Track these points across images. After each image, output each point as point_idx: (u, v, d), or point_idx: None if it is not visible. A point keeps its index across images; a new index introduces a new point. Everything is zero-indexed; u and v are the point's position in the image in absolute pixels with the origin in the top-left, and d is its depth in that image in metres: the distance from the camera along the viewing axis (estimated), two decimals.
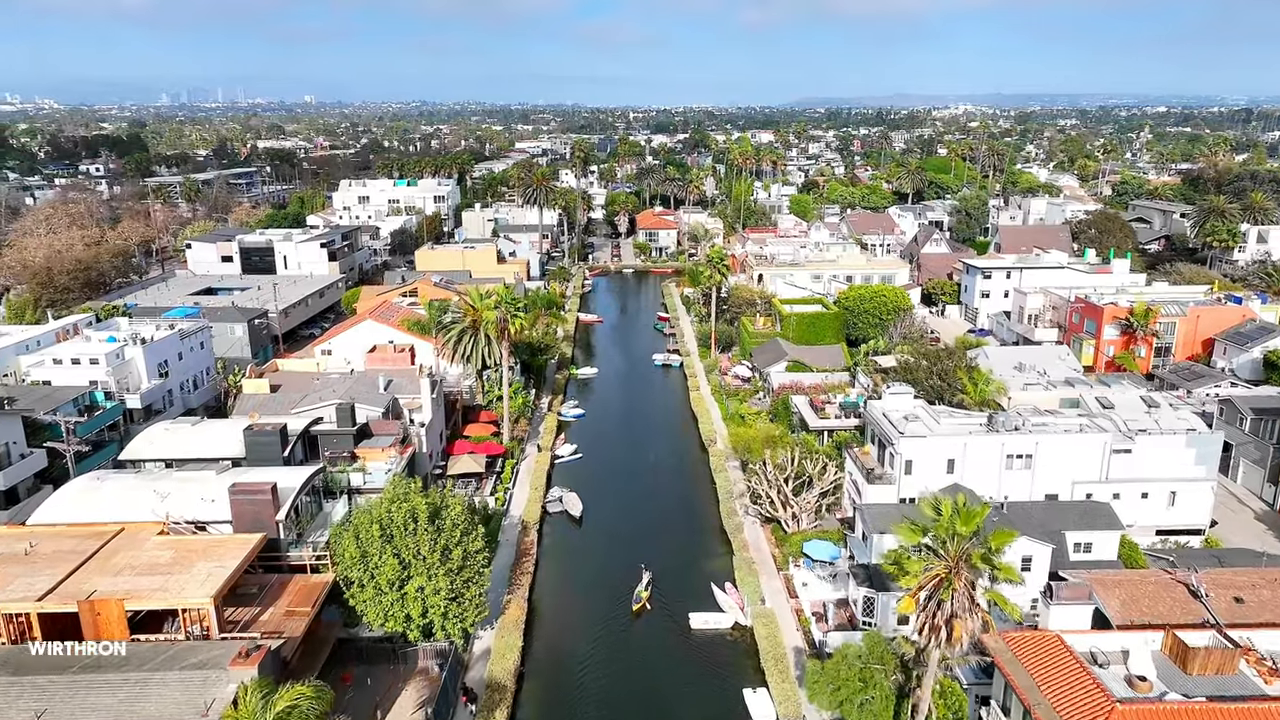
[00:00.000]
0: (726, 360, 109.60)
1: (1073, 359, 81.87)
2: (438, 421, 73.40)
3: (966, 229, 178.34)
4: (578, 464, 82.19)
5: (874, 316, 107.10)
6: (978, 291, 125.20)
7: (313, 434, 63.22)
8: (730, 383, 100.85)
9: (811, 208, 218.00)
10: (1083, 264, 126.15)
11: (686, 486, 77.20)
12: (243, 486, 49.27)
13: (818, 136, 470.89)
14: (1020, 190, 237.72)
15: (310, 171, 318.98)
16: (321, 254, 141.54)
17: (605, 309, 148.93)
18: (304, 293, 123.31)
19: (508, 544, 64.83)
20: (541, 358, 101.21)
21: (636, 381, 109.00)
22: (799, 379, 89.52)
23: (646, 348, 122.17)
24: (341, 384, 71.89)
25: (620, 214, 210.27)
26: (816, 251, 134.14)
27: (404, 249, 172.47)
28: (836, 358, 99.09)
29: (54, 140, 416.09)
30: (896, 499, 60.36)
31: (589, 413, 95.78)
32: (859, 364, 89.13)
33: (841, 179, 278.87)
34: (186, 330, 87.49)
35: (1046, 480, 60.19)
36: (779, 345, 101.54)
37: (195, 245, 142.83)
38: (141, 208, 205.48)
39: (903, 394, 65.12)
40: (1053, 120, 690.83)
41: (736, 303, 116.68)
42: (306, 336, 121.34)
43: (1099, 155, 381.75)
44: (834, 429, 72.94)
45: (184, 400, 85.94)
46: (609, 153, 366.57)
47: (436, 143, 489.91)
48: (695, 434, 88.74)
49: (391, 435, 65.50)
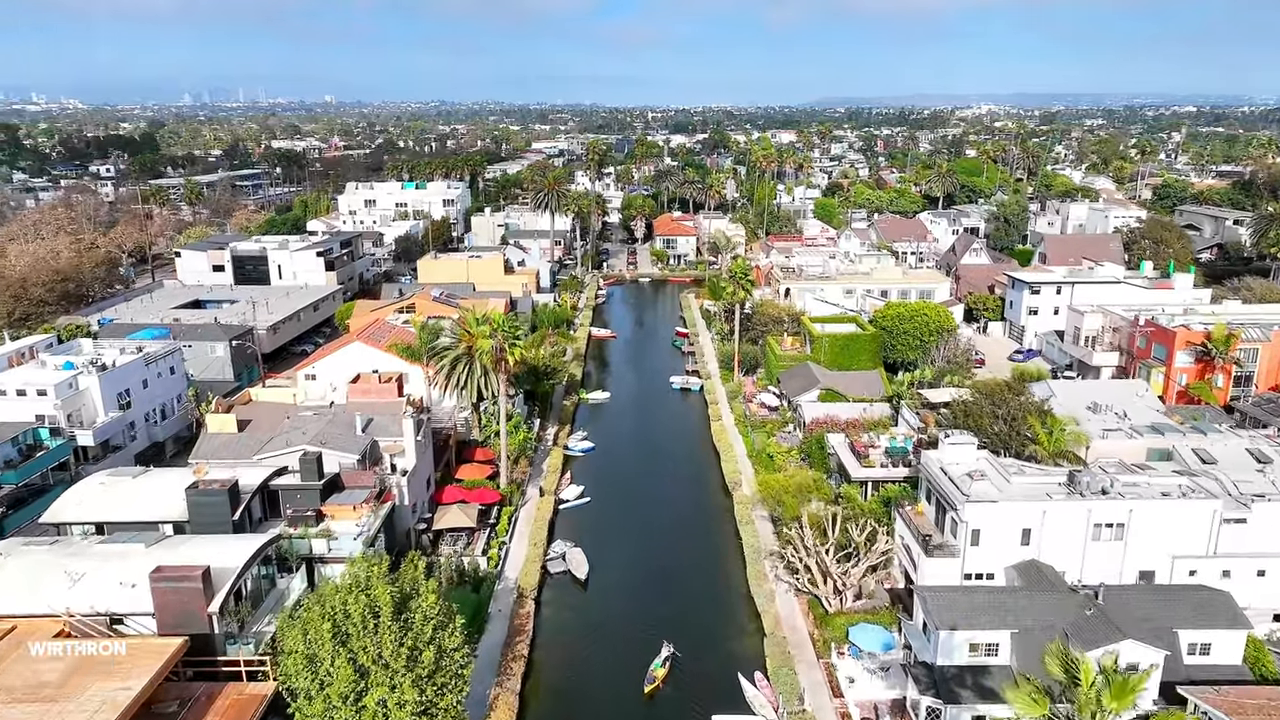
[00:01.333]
0: (751, 384, 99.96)
1: (1152, 396, 71.60)
2: (424, 466, 64.30)
3: (1005, 236, 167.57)
4: (585, 510, 72.87)
5: (914, 338, 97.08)
6: (1024, 308, 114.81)
7: (273, 488, 54.18)
8: (755, 411, 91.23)
9: (837, 212, 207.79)
10: (1139, 278, 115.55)
11: (708, 541, 67.64)
12: (168, 571, 40.29)
13: (839, 137, 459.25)
14: (1056, 194, 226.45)
15: (321, 173, 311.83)
16: (318, 263, 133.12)
17: (620, 323, 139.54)
18: (296, 306, 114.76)
19: (500, 615, 55.60)
20: (548, 382, 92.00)
21: (652, 408, 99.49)
22: (833, 412, 79.75)
23: (664, 367, 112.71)
24: (314, 424, 62.89)
25: (637, 219, 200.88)
26: (848, 263, 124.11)
27: (409, 256, 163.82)
28: (874, 386, 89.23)
29: (65, 140, 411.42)
30: (961, 575, 50.69)
31: (599, 445, 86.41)
32: (902, 396, 79.21)
33: (867, 181, 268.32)
34: (154, 354, 78.99)
35: (1141, 554, 50.26)
36: (809, 370, 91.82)
37: (185, 253, 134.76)
38: (143, 211, 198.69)
39: (964, 444, 55.34)
40: (1078, 120, 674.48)
41: (761, 320, 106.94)
42: (299, 353, 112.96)
43: (1133, 157, 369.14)
44: (880, 480, 63.14)
45: (149, 433, 77.48)
46: (626, 153, 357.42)
47: (452, 143, 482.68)
48: (717, 473, 79.21)
49: (366, 488, 56.40)
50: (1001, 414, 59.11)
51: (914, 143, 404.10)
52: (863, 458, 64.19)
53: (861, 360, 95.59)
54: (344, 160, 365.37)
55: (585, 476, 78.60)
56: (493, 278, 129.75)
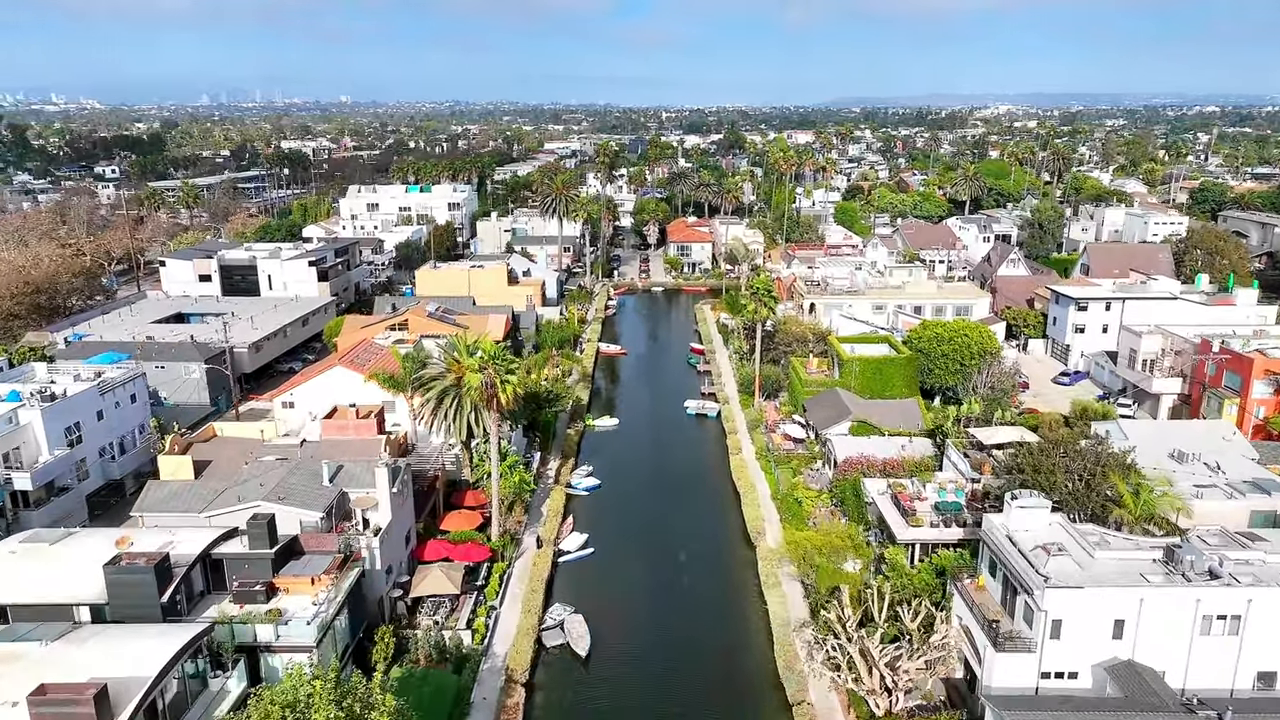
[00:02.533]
0: (774, 411, 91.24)
1: (1242, 441, 62.27)
2: (402, 520, 55.95)
3: (1039, 244, 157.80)
4: (588, 564, 64.37)
5: (953, 361, 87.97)
6: (1070, 325, 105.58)
7: (216, 557, 45.93)
8: (779, 443, 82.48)
9: (859, 216, 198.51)
10: (1196, 293, 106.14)
11: (729, 606, 58.91)
12: (54, 691, 32.05)
13: (857, 137, 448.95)
14: (1087, 198, 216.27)
15: (327, 174, 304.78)
16: (310, 273, 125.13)
17: (631, 337, 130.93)
18: (282, 321, 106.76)
19: (484, 706, 47.15)
20: (550, 410, 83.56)
21: (665, 437, 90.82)
22: (868, 450, 70.85)
23: (678, 389, 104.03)
24: (274, 472, 54.67)
25: (649, 223, 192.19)
26: (876, 275, 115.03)
27: (410, 264, 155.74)
28: (912, 416, 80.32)
29: (72, 141, 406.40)
30: (1038, 673, 41.89)
31: (606, 482, 77.85)
32: (947, 433, 70.21)
33: (888, 184, 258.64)
34: (111, 381, 71.01)
35: (1261, 654, 41.32)
36: (839, 398, 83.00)
37: (170, 263, 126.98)
38: (131, 215, 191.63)
39: (1036, 508, 46.50)
40: (1098, 120, 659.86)
41: (784, 339, 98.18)
42: (285, 372, 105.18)
43: (1162, 158, 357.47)
44: (932, 542, 54.27)
45: (104, 470, 69.53)
46: (639, 155, 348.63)
47: (464, 143, 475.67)
48: (737, 518, 70.51)
49: (329, 553, 48.09)
50: (1076, 468, 50.13)
51: (936, 144, 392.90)
52: (909, 514, 55.32)
53: (896, 386, 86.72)
54: (352, 161, 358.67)
55: (589, 521, 70.11)
56: (495, 289, 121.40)
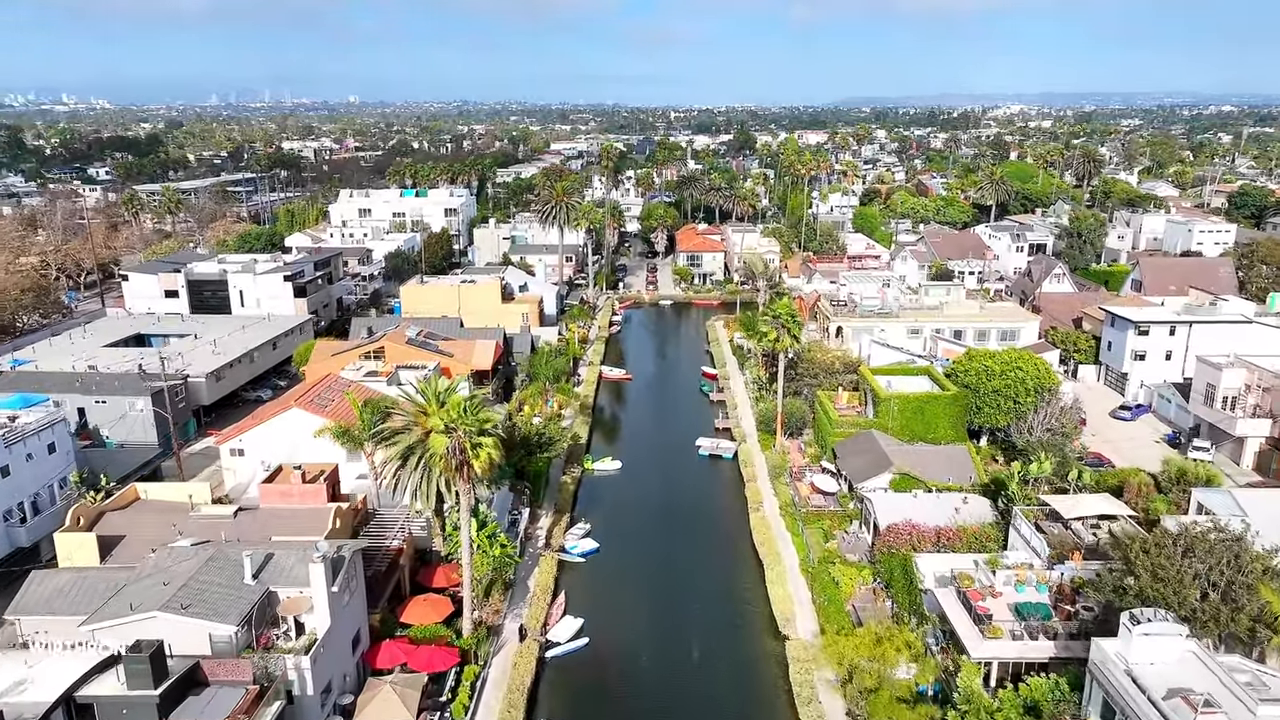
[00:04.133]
0: (798, 452, 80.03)
1: None
2: (347, 623, 44.84)
3: (1078, 255, 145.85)
4: (582, 660, 53.21)
5: (1005, 399, 76.53)
6: (1128, 351, 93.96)
7: (83, 701, 34.94)
8: (807, 496, 71.21)
9: (879, 223, 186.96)
10: (1272, 316, 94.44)
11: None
12: None
13: (872, 138, 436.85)
14: (1119, 202, 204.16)
15: (323, 176, 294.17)
16: (286, 289, 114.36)
17: (637, 358, 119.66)
18: (249, 344, 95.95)
19: None
20: (542, 456, 72.31)
21: (674, 483, 79.51)
22: (915, 512, 59.54)
23: (688, 421, 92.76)
24: (184, 565, 43.58)
25: (657, 230, 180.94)
26: (907, 293, 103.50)
27: (401, 275, 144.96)
28: (962, 465, 68.99)
29: (67, 142, 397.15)
30: None
31: (605, 544, 66.67)
32: (1010, 496, 58.71)
33: (907, 187, 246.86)
34: (19, 432, 60.19)
35: None
36: (875, 443, 71.72)
37: (134, 276, 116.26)
38: (112, 221, 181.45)
39: (1166, 635, 35.20)
40: (1114, 120, 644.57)
41: (809, 369, 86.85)
42: (253, 401, 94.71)
43: (1188, 159, 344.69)
44: (1015, 660, 42.76)
45: (9, 537, 58.66)
46: (647, 155, 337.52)
47: (469, 143, 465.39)
48: (761, 594, 59.17)
49: (241, 685, 37.09)
50: (1205, 570, 38.72)
51: (955, 145, 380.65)
52: (983, 621, 43.88)
53: (941, 428, 75.43)
54: (351, 162, 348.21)
55: (585, 598, 58.94)
56: (487, 307, 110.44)
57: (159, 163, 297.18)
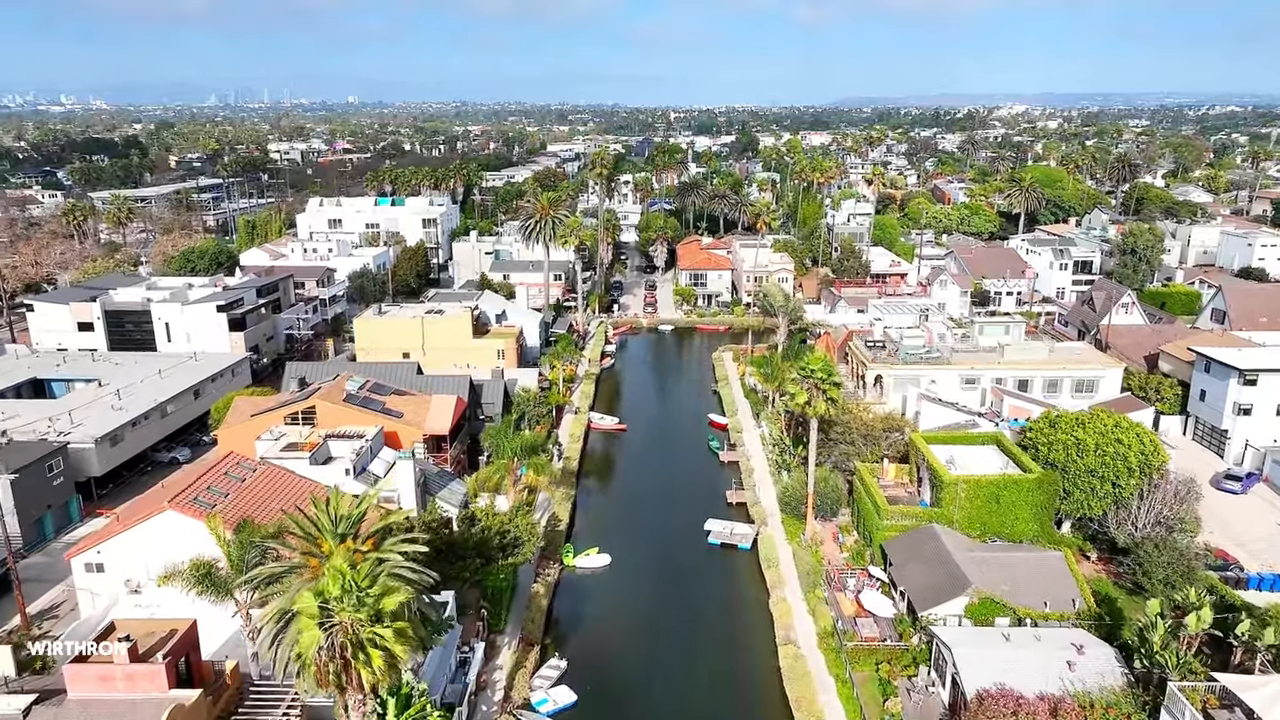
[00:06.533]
0: (833, 542, 63.23)
1: None
2: None
3: (1132, 275, 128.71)
4: None
5: (1102, 480, 59.59)
6: (1230, 405, 77.15)
7: None
8: (850, 614, 54.22)
9: (898, 233, 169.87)
10: None
11: None
12: None
13: (883, 139, 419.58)
14: (1157, 210, 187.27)
15: (301, 181, 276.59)
16: (220, 321, 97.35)
17: (633, 400, 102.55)
18: (160, 396, 79.09)
19: None
20: (505, 564, 55.29)
21: (677, 588, 62.29)
22: (1013, 670, 42.72)
23: (695, 494, 75.63)
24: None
25: (657, 242, 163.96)
26: (954, 330, 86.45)
27: (367, 297, 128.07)
28: (1059, 581, 52.18)
29: (38, 144, 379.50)
30: None
31: (585, 690, 49.69)
32: (1163, 665, 41.65)
33: (923, 192, 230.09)
34: None
35: None
36: (940, 544, 55.02)
37: (40, 306, 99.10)
38: (63, 230, 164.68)
39: None
40: (1121, 120, 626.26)
41: (845, 433, 69.78)
42: (168, 463, 78.48)
43: (1210, 160, 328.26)
44: None
45: None
46: (646, 157, 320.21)
47: (464, 145, 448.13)
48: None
49: None
50: None
51: (971, 146, 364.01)
52: None
53: (1022, 520, 58.73)
54: (335, 166, 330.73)
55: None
56: (456, 344, 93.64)
57: (124, 166, 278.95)
